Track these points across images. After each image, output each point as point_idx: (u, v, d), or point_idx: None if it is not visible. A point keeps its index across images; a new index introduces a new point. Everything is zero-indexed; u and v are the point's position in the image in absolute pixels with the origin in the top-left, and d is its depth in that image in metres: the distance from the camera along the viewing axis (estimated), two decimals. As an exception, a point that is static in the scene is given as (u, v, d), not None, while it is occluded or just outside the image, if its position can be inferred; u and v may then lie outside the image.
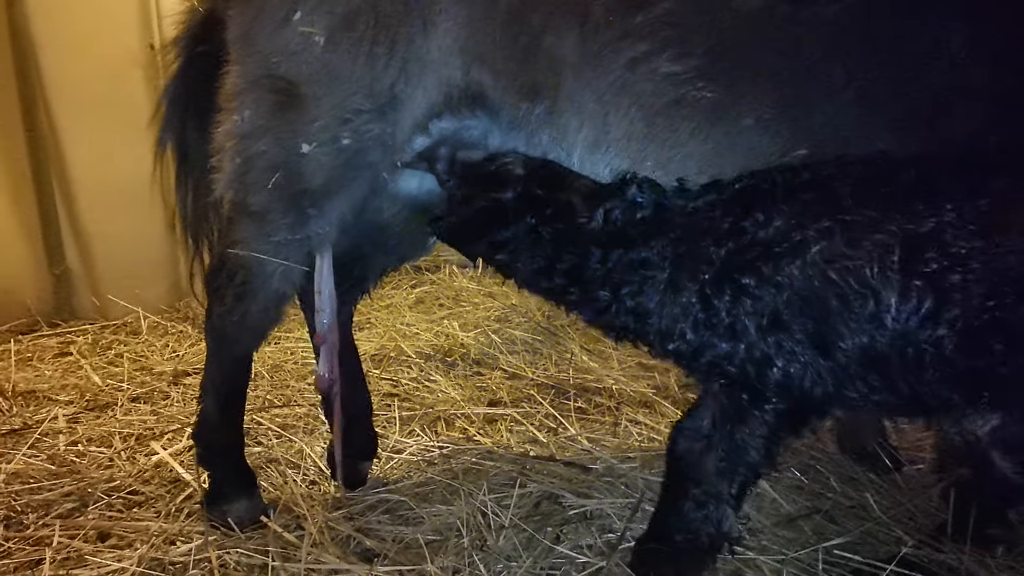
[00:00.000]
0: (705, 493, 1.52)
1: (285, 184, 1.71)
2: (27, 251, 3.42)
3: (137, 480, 2.17)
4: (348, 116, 1.66)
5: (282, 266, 1.76)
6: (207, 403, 1.94)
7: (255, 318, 1.82)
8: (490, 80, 1.64)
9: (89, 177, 3.48)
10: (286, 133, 1.69)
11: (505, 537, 1.87)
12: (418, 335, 3.60)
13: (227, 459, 1.98)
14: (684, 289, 1.46)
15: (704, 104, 1.52)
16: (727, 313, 1.41)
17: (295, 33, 1.65)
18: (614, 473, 2.28)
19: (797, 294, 1.36)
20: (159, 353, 3.25)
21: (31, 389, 2.79)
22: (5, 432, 2.44)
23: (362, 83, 1.64)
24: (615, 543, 1.85)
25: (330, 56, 1.64)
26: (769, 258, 1.38)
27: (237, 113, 1.74)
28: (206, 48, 1.93)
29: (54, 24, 3.27)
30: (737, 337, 1.41)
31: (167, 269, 3.80)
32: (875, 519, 1.94)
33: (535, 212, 1.57)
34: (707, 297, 1.43)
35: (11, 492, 2.06)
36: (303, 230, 1.75)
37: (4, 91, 3.23)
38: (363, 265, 2.12)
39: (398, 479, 2.26)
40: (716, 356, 1.45)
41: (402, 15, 1.62)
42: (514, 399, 2.91)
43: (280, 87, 1.68)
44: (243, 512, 1.93)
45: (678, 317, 1.48)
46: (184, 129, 2.00)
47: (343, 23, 1.63)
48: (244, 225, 1.78)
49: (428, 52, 1.63)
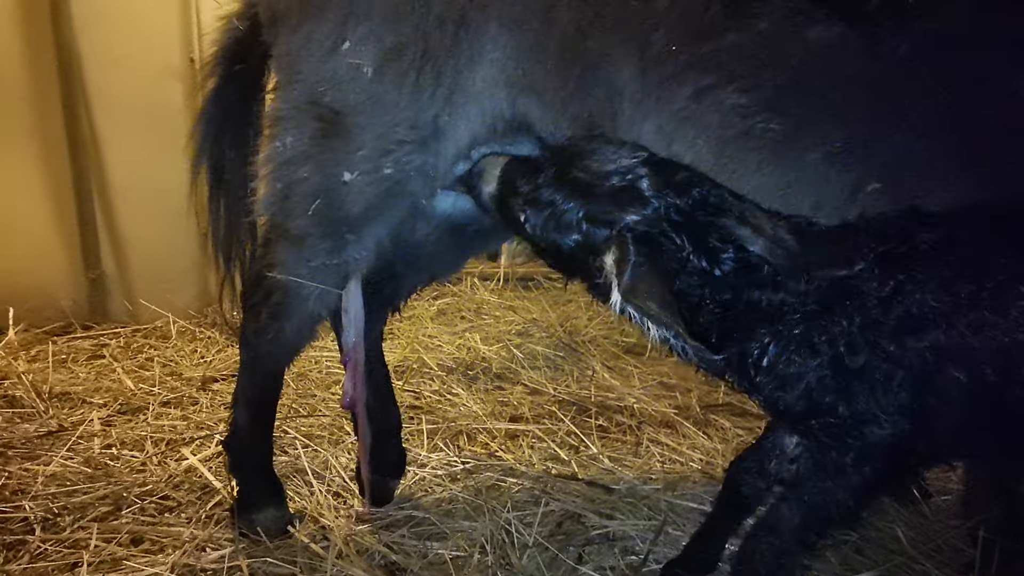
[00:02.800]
0: (783, 541, 1.44)
1: (325, 210, 1.72)
2: (65, 255, 3.53)
3: (168, 485, 2.22)
4: (391, 147, 1.67)
5: (319, 289, 1.78)
6: (238, 413, 1.97)
7: (289, 337, 1.85)
8: (538, 111, 1.63)
9: (127, 185, 3.59)
10: (328, 161, 1.70)
11: (529, 556, 1.89)
12: (440, 347, 3.64)
13: (256, 469, 2.02)
14: (817, 348, 1.35)
15: (772, 136, 1.48)
16: (861, 378, 1.32)
17: (343, 63, 1.65)
18: (636, 494, 2.29)
19: (939, 361, 1.30)
20: (188, 358, 3.32)
21: (66, 391, 2.87)
22: (43, 434, 2.51)
23: (406, 114, 1.65)
24: (638, 566, 1.86)
25: (376, 86, 1.65)
26: (915, 326, 1.30)
27: (279, 139, 1.75)
28: (244, 67, 1.94)
29: (98, 38, 3.38)
30: (862, 401, 1.33)
31: (197, 276, 3.89)
32: (903, 553, 1.92)
33: (687, 241, 1.36)
34: (841, 360, 1.33)
35: (49, 494, 2.12)
36: (341, 255, 1.77)
37: (48, 102, 3.34)
38: (395, 284, 2.14)
39: (422, 494, 2.28)
40: (833, 416, 1.36)
41: (450, 47, 1.62)
42: (535, 415, 2.92)
43: (324, 115, 1.69)
44: (270, 521, 1.96)
45: (803, 374, 1.36)
46: (220, 148, 2.01)
47: (391, 54, 1.64)
48: (282, 248, 1.79)
49: (473, 84, 1.63)
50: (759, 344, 1.39)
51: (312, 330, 1.88)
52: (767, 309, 1.38)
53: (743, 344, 1.42)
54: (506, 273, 4.88)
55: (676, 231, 1.36)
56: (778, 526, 1.45)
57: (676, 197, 1.37)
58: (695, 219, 1.37)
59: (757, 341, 1.39)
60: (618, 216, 1.37)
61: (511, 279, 4.87)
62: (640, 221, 1.36)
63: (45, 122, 3.36)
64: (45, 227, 3.46)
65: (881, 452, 1.35)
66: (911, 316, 1.31)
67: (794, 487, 1.45)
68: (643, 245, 1.34)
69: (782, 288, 1.37)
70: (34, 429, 2.53)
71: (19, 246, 3.40)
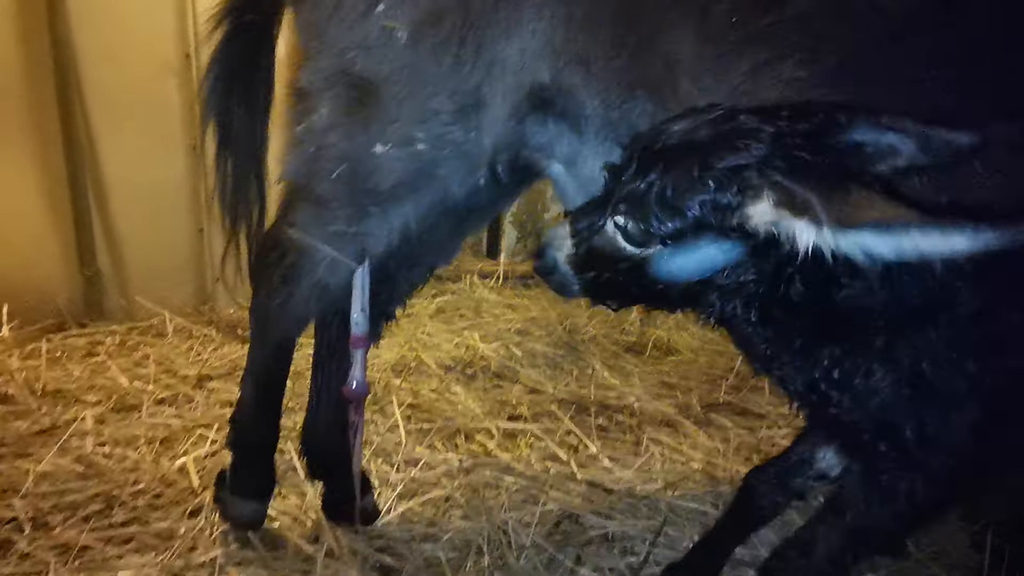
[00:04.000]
0: (817, 565, 1.33)
1: (351, 178, 1.65)
2: (60, 252, 3.49)
3: (161, 483, 2.19)
4: (426, 117, 1.58)
5: (330, 256, 1.71)
6: (246, 387, 1.90)
7: (297, 304, 1.78)
8: (584, 82, 1.52)
9: (122, 182, 3.55)
10: (359, 129, 1.63)
11: (526, 557, 1.85)
12: (438, 346, 3.60)
13: (255, 452, 1.93)
14: (899, 364, 1.17)
15: None
16: (936, 398, 1.17)
17: (375, 27, 1.56)
18: (636, 494, 2.25)
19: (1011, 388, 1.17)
20: (184, 356, 3.29)
21: (59, 388, 2.83)
22: (35, 432, 2.48)
23: (445, 84, 1.56)
24: (638, 567, 1.82)
25: (411, 54, 1.56)
26: (993, 344, 1.16)
27: (315, 112, 1.66)
28: (253, 17, 1.84)
29: (94, 34, 3.35)
30: (931, 423, 1.18)
31: (192, 274, 3.86)
32: (911, 556, 1.88)
33: None
34: (922, 376, 1.16)
35: (39, 493, 2.09)
36: (360, 225, 1.70)
37: (44, 98, 3.31)
38: (389, 288, 2.02)
39: (417, 493, 2.25)
40: (899, 439, 1.21)
41: (492, 13, 1.52)
42: (534, 414, 2.89)
43: (356, 83, 1.61)
44: (249, 514, 1.91)
45: (877, 390, 1.18)
46: (228, 103, 1.90)
47: (429, 19, 1.54)
48: (303, 209, 1.73)
49: (513, 54, 1.54)
50: (837, 350, 1.18)
51: (319, 302, 1.80)
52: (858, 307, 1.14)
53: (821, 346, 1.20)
54: (506, 271, 4.85)
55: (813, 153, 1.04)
56: (813, 549, 1.33)
57: (788, 124, 1.07)
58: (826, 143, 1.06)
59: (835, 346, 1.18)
60: (744, 157, 1.04)
61: (511, 277, 4.83)
62: (772, 153, 1.03)
63: (40, 118, 3.32)
64: (40, 224, 3.43)
65: (944, 481, 1.23)
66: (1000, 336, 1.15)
67: (837, 510, 1.32)
68: (798, 174, 1.01)
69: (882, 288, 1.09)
70: (26, 427, 2.49)
71: (13, 243, 3.37)
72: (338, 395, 1.97)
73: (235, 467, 1.94)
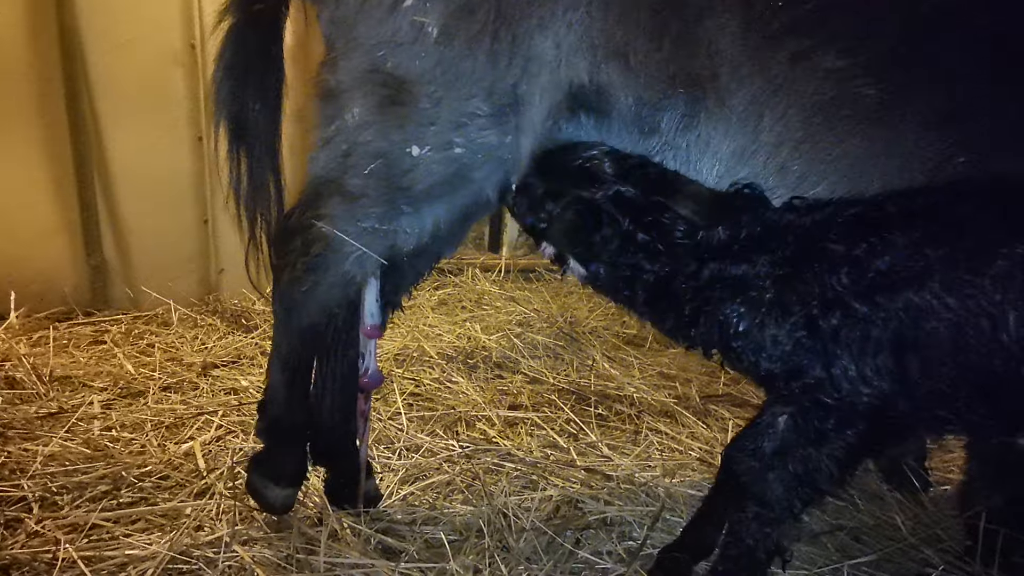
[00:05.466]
0: (770, 511, 1.48)
1: (386, 175, 1.63)
2: (67, 242, 3.53)
3: (168, 467, 2.22)
4: (463, 120, 1.56)
5: (360, 251, 1.70)
6: (273, 375, 1.88)
7: (324, 293, 1.77)
8: (622, 77, 1.49)
9: (128, 172, 3.59)
10: (394, 129, 1.60)
11: (526, 540, 1.88)
12: (440, 336, 3.64)
13: (287, 438, 1.92)
14: (790, 312, 1.40)
15: (866, 104, 1.38)
16: (834, 339, 1.36)
17: (405, 22, 1.52)
18: (634, 481, 2.28)
19: (912, 322, 1.33)
20: (189, 344, 3.33)
21: (67, 375, 2.87)
22: (43, 415, 2.51)
23: (481, 83, 1.52)
24: (635, 551, 1.85)
25: (444, 50, 1.51)
26: (887, 286, 1.34)
27: (347, 112, 1.63)
28: (262, 7, 1.79)
29: (101, 23, 3.38)
30: (840, 362, 1.36)
31: (197, 263, 3.89)
32: (902, 540, 1.91)
33: (631, 217, 1.49)
34: (815, 322, 1.37)
35: (47, 474, 2.13)
36: (392, 223, 1.68)
37: (51, 87, 3.34)
38: (396, 278, 1.99)
39: (418, 478, 2.28)
40: (812, 379, 1.40)
41: (526, 5, 1.48)
42: (535, 403, 2.92)
43: (388, 82, 1.57)
44: (281, 499, 1.90)
45: (779, 339, 1.41)
46: (241, 98, 1.84)
47: (460, 12, 1.50)
48: (335, 203, 1.70)
49: (549, 49, 1.50)
50: (733, 312, 1.45)
51: (345, 292, 1.79)
52: (735, 278, 1.44)
53: (718, 313, 1.46)
54: (507, 264, 4.88)
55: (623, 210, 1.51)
56: (765, 496, 1.47)
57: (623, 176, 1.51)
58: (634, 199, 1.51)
59: (730, 309, 1.45)
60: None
61: (512, 271, 4.86)
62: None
63: (47, 107, 3.35)
64: (47, 213, 3.47)
65: (861, 416, 1.37)
66: (882, 275, 1.33)
67: (779, 456, 1.47)
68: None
69: (748, 257, 1.42)
70: (34, 411, 2.53)
71: (21, 232, 3.40)
72: (343, 382, 1.98)
73: (268, 454, 1.92)
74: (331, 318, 1.88)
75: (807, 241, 1.42)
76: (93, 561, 1.73)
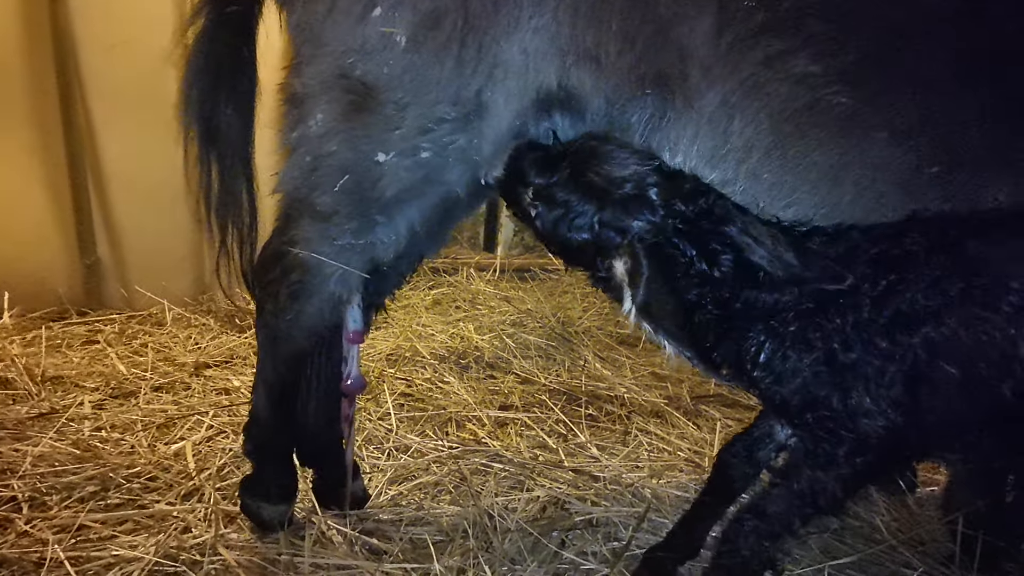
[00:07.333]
0: (769, 526, 1.47)
1: (355, 189, 1.60)
2: (60, 241, 3.54)
3: (157, 468, 2.23)
4: (430, 126, 1.54)
5: (342, 269, 1.67)
6: (258, 399, 1.86)
7: (310, 318, 1.73)
8: (593, 80, 1.48)
9: (122, 172, 3.59)
10: (360, 137, 1.58)
11: (511, 540, 1.89)
12: (433, 336, 3.64)
13: (275, 457, 1.92)
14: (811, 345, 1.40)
15: (838, 111, 1.37)
16: (854, 373, 1.37)
17: (374, 32, 1.51)
18: (622, 482, 2.29)
19: (929, 357, 1.34)
20: (182, 344, 3.34)
21: (59, 375, 2.89)
22: (34, 416, 2.53)
23: (447, 89, 1.52)
24: (620, 551, 1.86)
25: (412, 58, 1.51)
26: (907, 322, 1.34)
27: (311, 117, 1.60)
28: (236, 8, 1.76)
29: (94, 24, 3.38)
30: (855, 394, 1.37)
31: (192, 263, 3.90)
32: (884, 542, 1.92)
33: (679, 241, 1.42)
34: (835, 356, 1.38)
35: (37, 474, 2.14)
36: (368, 236, 1.65)
37: (44, 87, 3.35)
38: (378, 279, 1.94)
39: (406, 478, 2.29)
40: (826, 409, 1.40)
41: (492, 13, 1.48)
42: (525, 404, 2.93)
43: (354, 88, 1.55)
44: (277, 516, 1.89)
45: (797, 370, 1.41)
46: (213, 102, 1.79)
47: (428, 22, 1.49)
48: (306, 224, 1.66)
49: (514, 55, 1.49)
50: (756, 341, 1.44)
51: (334, 313, 1.76)
52: (763, 308, 1.43)
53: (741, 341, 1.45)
54: (502, 264, 4.88)
55: (682, 239, 1.43)
56: (766, 511, 1.47)
57: (683, 205, 1.43)
58: (700, 227, 1.43)
59: (754, 338, 1.44)
60: (629, 223, 1.43)
61: (507, 270, 4.87)
62: (649, 230, 1.43)
63: (41, 108, 3.36)
64: (41, 213, 3.48)
65: (873, 445, 1.38)
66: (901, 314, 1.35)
67: (785, 475, 1.48)
68: (653, 257, 1.43)
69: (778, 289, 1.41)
70: (25, 411, 2.54)
71: (15, 231, 3.41)
72: (328, 385, 1.97)
73: (258, 475, 1.91)
74: (319, 341, 1.85)
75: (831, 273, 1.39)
76: (80, 562, 1.74)
